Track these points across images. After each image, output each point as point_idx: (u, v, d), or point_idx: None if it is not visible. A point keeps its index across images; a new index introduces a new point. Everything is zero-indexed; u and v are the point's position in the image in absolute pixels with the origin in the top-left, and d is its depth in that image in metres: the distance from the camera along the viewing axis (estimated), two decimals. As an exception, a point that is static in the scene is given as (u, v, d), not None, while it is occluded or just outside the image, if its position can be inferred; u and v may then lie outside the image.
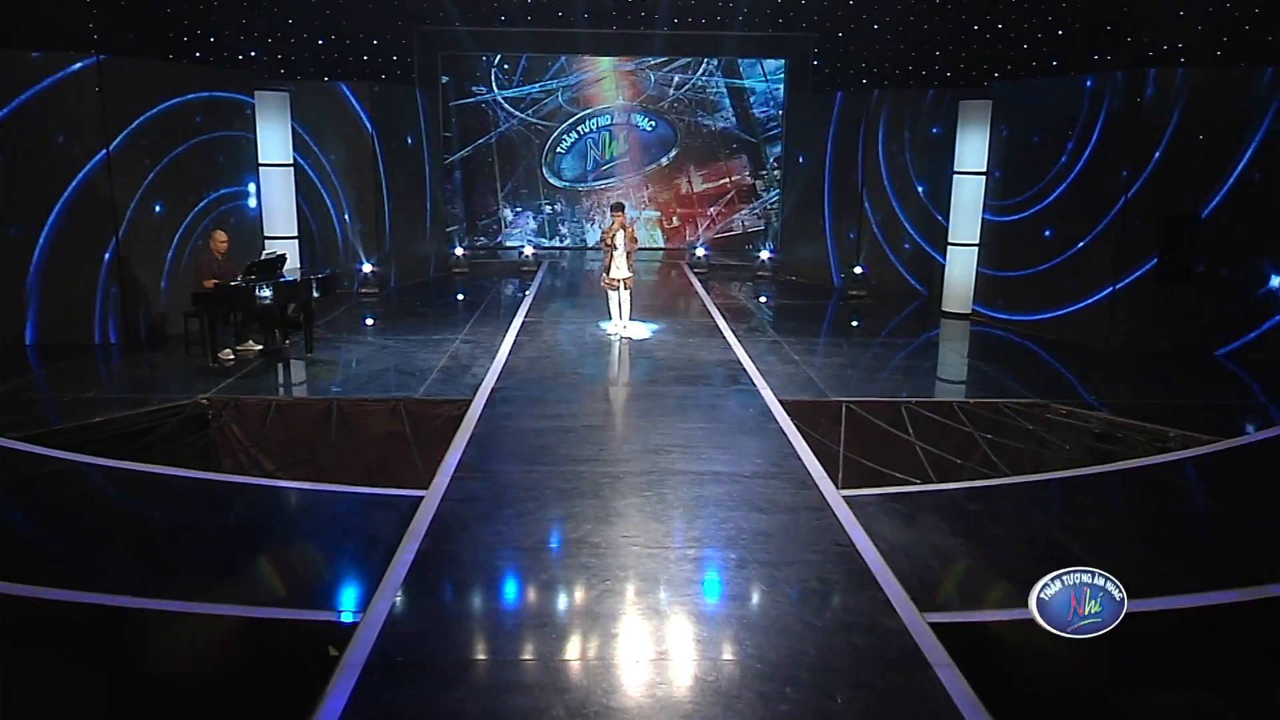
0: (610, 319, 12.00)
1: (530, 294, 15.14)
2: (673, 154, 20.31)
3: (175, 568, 5.65)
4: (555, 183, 20.45)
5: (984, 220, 13.49)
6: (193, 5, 15.67)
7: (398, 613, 4.97)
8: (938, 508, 6.79)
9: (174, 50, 15.24)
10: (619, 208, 11.84)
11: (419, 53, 18.22)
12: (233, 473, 8.67)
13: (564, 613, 5.04)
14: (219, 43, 16.13)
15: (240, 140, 12.89)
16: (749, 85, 19.98)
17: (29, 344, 11.12)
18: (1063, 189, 12.13)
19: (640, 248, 12.53)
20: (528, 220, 20.64)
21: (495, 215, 20.56)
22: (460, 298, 15.74)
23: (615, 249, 11.49)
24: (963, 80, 16.85)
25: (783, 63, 19.37)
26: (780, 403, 8.95)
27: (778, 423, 8.37)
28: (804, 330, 12.80)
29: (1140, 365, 11.14)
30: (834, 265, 16.33)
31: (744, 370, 10.19)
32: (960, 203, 13.68)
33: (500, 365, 10.23)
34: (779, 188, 19.63)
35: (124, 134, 11.12)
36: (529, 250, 18.38)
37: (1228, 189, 11.12)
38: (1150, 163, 11.23)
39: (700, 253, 18.36)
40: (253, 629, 4.98)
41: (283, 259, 10.60)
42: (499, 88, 19.89)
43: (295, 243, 13.66)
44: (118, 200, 11.14)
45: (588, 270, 18.19)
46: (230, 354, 10.54)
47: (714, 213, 20.59)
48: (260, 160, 13.28)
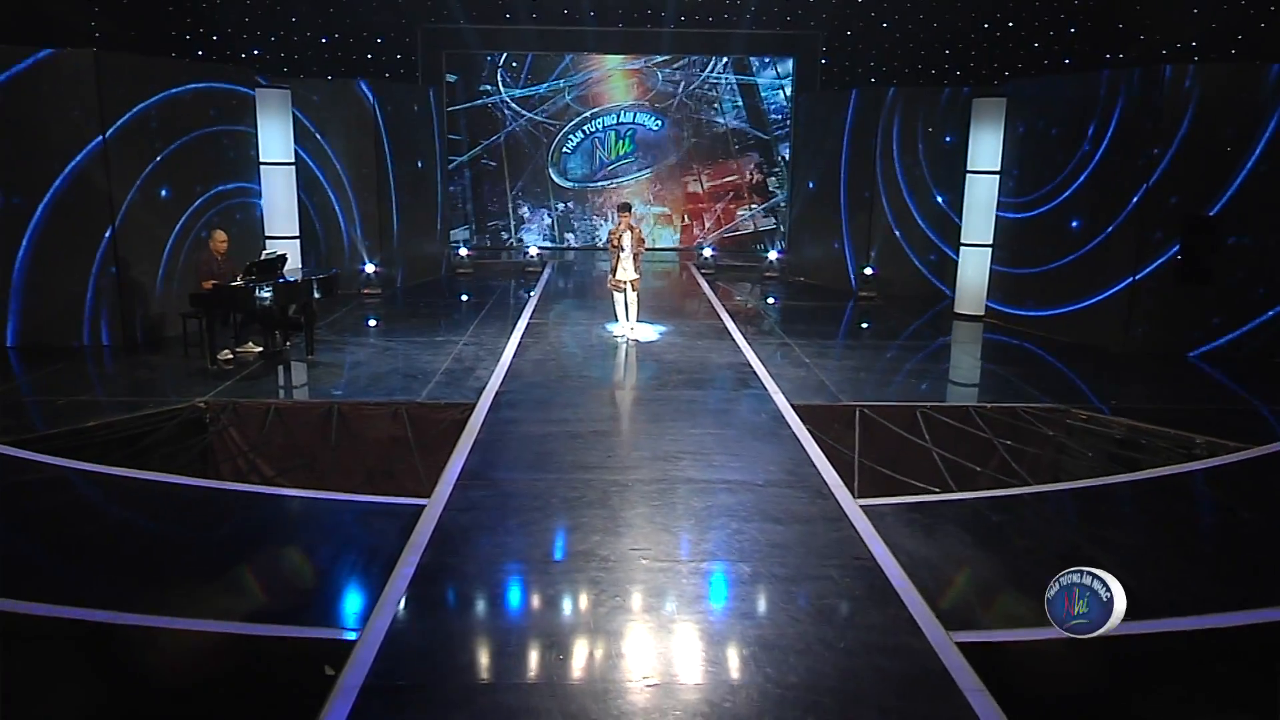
0: (617, 320, 11.76)
1: (535, 295, 14.90)
2: (680, 153, 20.06)
3: (165, 581, 5.42)
4: (562, 183, 20.21)
5: (998, 218, 13.20)
6: (195, 3, 15.49)
7: (398, 631, 4.74)
8: (959, 518, 6.56)
9: (176, 49, 15.06)
10: (626, 208, 11.61)
11: (423, 51, 18.00)
12: (230, 478, 8.48)
13: (571, 631, 4.80)
14: (221, 41, 15.96)
15: (241, 135, 12.62)
16: (761, 81, 19.68)
17: (10, 346, 10.67)
18: (1079, 185, 11.85)
19: (647, 249, 12.26)
20: (540, 219, 20.39)
21: (504, 215, 20.32)
22: (464, 299, 15.51)
23: (622, 250, 11.26)
24: (972, 79, 16.62)
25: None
26: (793, 407, 8.71)
27: (790, 428, 8.13)
28: (814, 332, 12.55)
29: (1159, 368, 10.87)
30: (850, 266, 15.95)
31: (754, 373, 9.94)
32: (973, 202, 13.41)
33: (505, 368, 10.00)
34: (788, 187, 19.34)
35: (120, 122, 10.71)
36: (534, 250, 18.15)
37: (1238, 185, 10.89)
38: (1164, 160, 10.96)
39: (707, 253, 18.12)
40: (244, 647, 4.77)
41: (283, 259, 10.37)
42: (506, 88, 19.65)
43: (297, 242, 13.42)
44: (113, 194, 10.71)
45: (593, 270, 17.95)
46: (230, 356, 10.32)
47: (721, 211, 20.33)
48: (261, 159, 13.02)
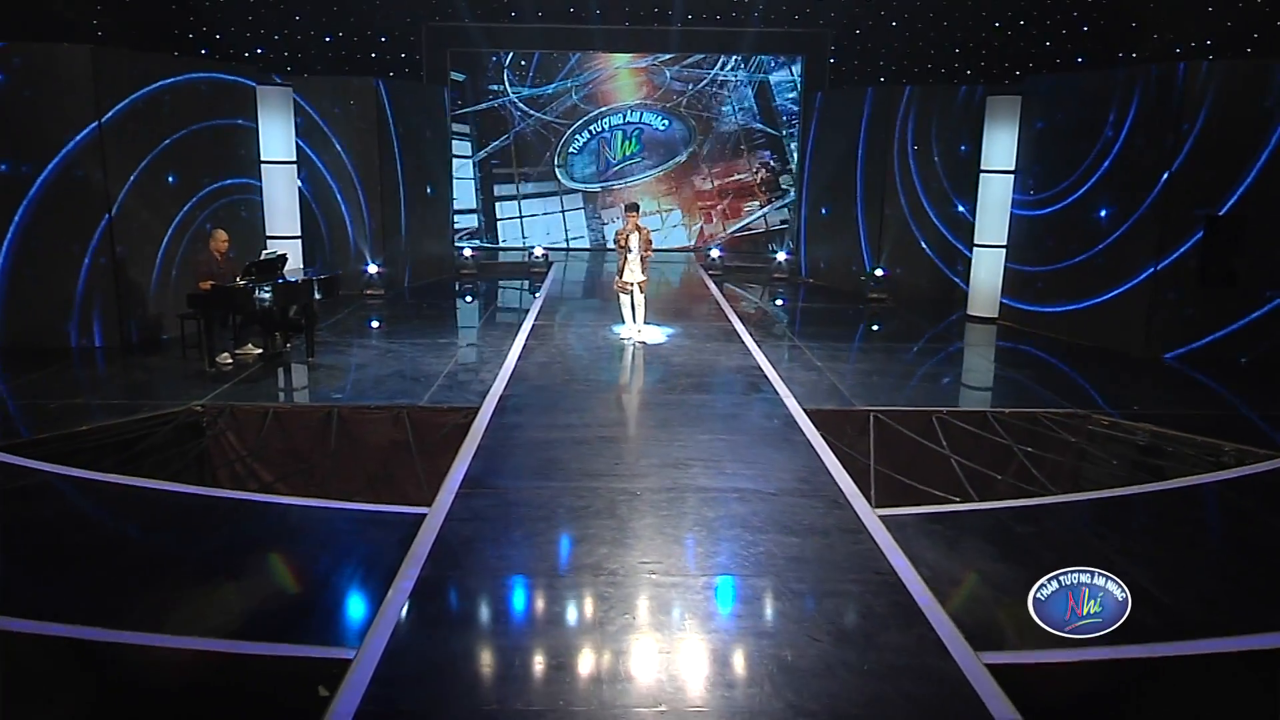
0: (624, 322, 11.52)
1: (541, 296, 14.65)
2: (688, 152, 19.80)
3: (152, 595, 5.17)
4: (569, 183, 19.96)
5: (1014, 216, 12.90)
6: (198, 1, 15.29)
7: (395, 650, 4.49)
8: (982, 529, 6.30)
9: (179, 48, 14.87)
10: (633, 208, 11.35)
11: (427, 49, 17.77)
12: (227, 484, 8.27)
13: (578, 652, 4.54)
14: (225, 40, 15.78)
15: (241, 129, 12.36)
16: (774, 79, 19.38)
17: (-4, 347, 10.34)
18: (1099, 182, 11.58)
19: (656, 249, 12.03)
20: (548, 219, 20.14)
21: (512, 216, 20.08)
22: (469, 300, 15.28)
23: (629, 251, 11.01)
24: (982, 78, 16.35)
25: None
26: (805, 412, 8.45)
27: (804, 434, 7.87)
28: (825, 335, 12.30)
29: (1179, 371, 10.59)
30: (868, 263, 15.56)
31: (765, 377, 9.68)
32: (987, 202, 13.13)
33: (509, 371, 9.75)
34: (796, 186, 19.04)
35: (116, 109, 10.40)
36: (540, 251, 17.91)
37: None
38: (1181, 156, 10.70)
39: (715, 254, 17.86)
40: (233, 666, 4.52)
41: (283, 259, 10.14)
42: (513, 86, 19.40)
43: (298, 242, 13.18)
44: (108, 188, 10.43)
45: (600, 271, 17.71)
46: (228, 358, 10.09)
47: (730, 210, 20.05)
48: (262, 157, 12.79)
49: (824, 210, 16.83)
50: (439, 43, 17.98)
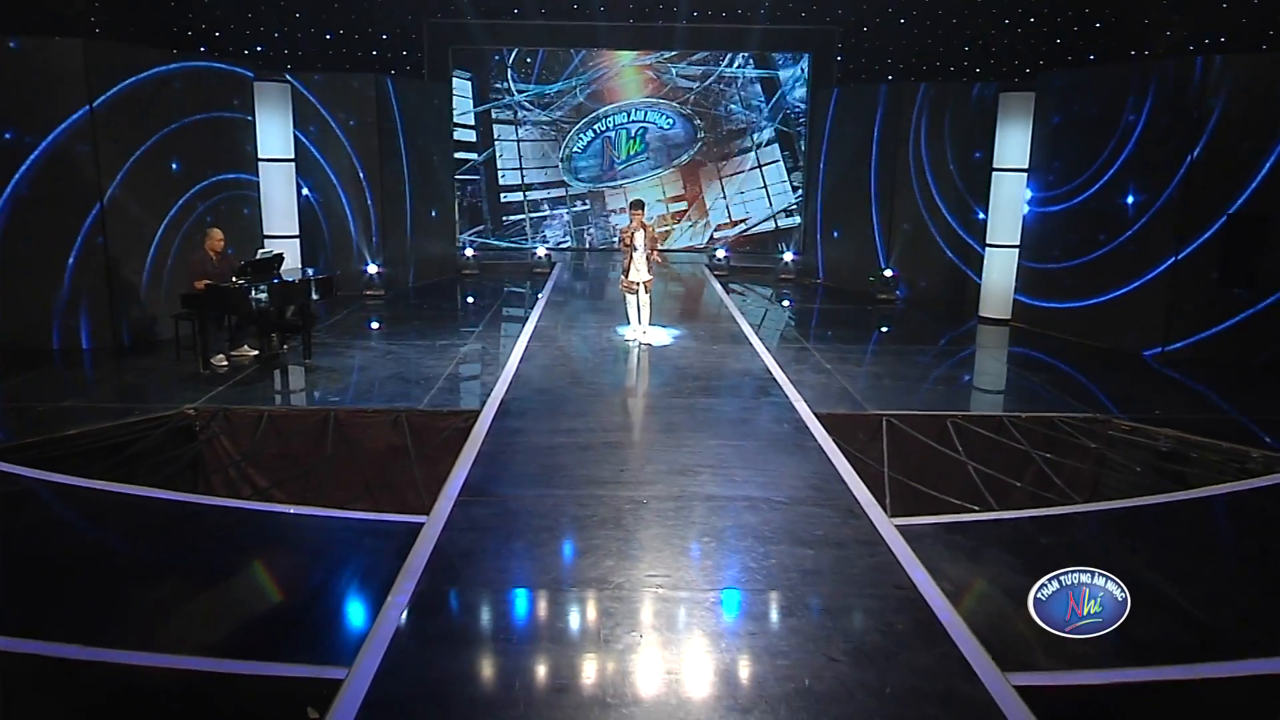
0: (629, 324, 11.26)
1: (544, 297, 14.39)
2: (693, 150, 19.53)
3: (132, 609, 4.92)
4: (573, 183, 19.70)
5: (1031, 212, 12.59)
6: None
7: (388, 670, 4.24)
8: (1004, 540, 6.03)
9: (176, 45, 14.63)
10: (638, 205, 11.07)
11: (429, 46, 17.52)
12: (220, 489, 8.05)
13: (582, 673, 4.29)
14: (224, 37, 15.54)
15: (238, 122, 12.07)
16: (784, 75, 19.10)
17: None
18: (1116, 179, 11.31)
19: (663, 249, 11.77)
20: (559, 217, 19.89)
21: (518, 216, 19.84)
22: (470, 300, 15.05)
23: (634, 250, 10.75)
24: (992, 76, 16.06)
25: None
26: (816, 416, 8.19)
27: (815, 440, 7.60)
28: (834, 336, 12.04)
29: (1203, 374, 10.31)
30: (883, 263, 15.26)
31: (774, 380, 9.42)
32: (999, 202, 12.85)
33: (511, 373, 9.49)
34: (804, 186, 18.74)
35: (106, 95, 10.10)
36: (543, 251, 17.65)
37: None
38: (1198, 149, 10.43)
39: (721, 254, 17.59)
40: (218, 686, 4.27)
41: (279, 258, 9.90)
42: (517, 87, 19.15)
43: (296, 242, 12.94)
44: (94, 181, 10.12)
45: (604, 271, 17.45)
46: (224, 360, 9.85)
47: (737, 209, 19.77)
48: (259, 155, 12.53)
49: (831, 211, 16.53)
50: (441, 40, 17.72)
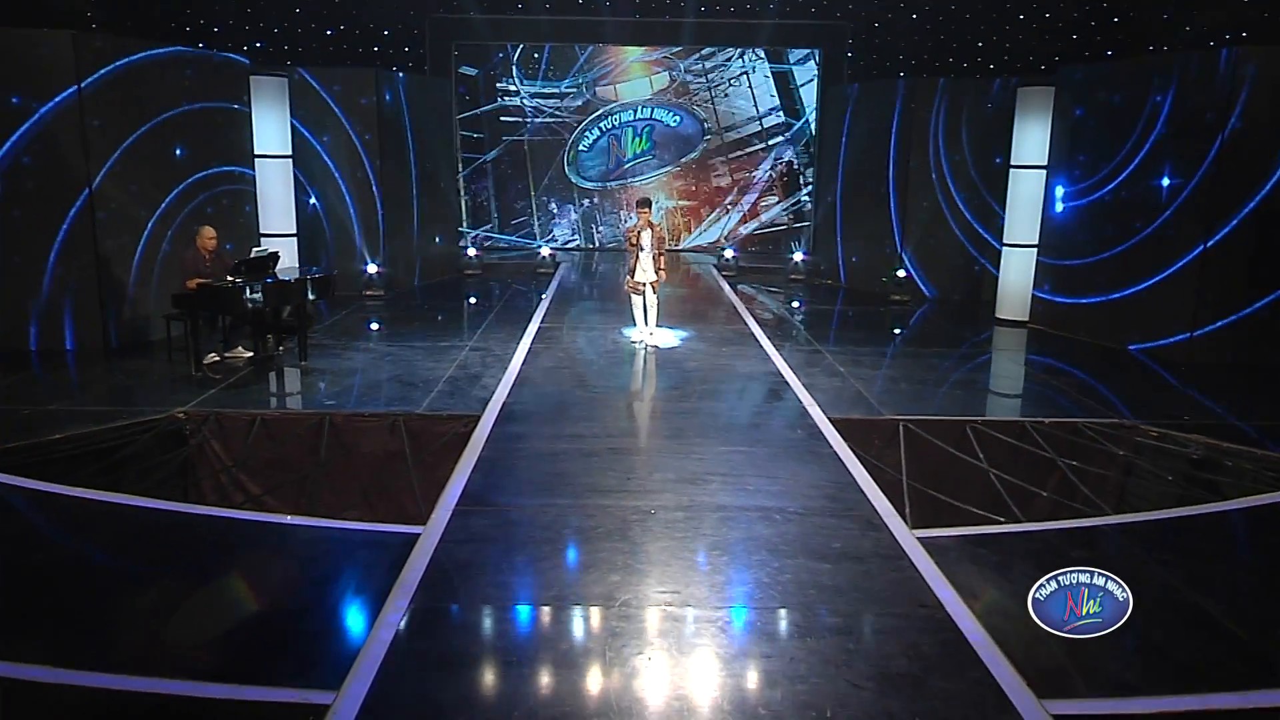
0: (634, 325, 10.94)
1: (547, 297, 14.08)
2: (701, 148, 19.19)
3: (108, 627, 4.61)
4: (579, 182, 19.39)
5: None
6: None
7: (378, 695, 3.93)
8: (1033, 553, 5.71)
9: (174, 39, 14.34)
10: (645, 203, 10.75)
11: (431, 42, 17.23)
12: (211, 496, 7.74)
13: (587, 700, 3.97)
14: (222, 33, 15.26)
15: (234, 113, 11.71)
16: (796, 69, 18.72)
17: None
18: (1138, 173, 10.96)
19: (671, 249, 11.44)
20: (567, 216, 19.58)
21: (528, 214, 19.54)
22: (472, 301, 14.75)
23: (641, 249, 10.43)
24: (1006, 72, 15.70)
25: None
26: (831, 421, 7.86)
27: (830, 446, 7.28)
28: (847, 338, 11.71)
29: (1231, 379, 9.95)
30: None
31: (785, 383, 9.10)
32: (1017, 199, 12.49)
33: (513, 376, 9.18)
34: (820, 183, 18.24)
35: (94, 78, 9.72)
36: (547, 251, 17.34)
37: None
38: (1214, 147, 10.09)
39: (729, 254, 17.27)
40: (195, 711, 3.97)
41: (275, 257, 9.59)
42: (525, 83, 18.85)
43: (293, 240, 12.63)
44: (75, 177, 9.74)
45: (609, 271, 17.13)
46: (217, 361, 9.55)
47: (748, 208, 19.42)
48: (255, 151, 12.21)
49: (848, 208, 16.12)
50: (443, 35, 17.43)
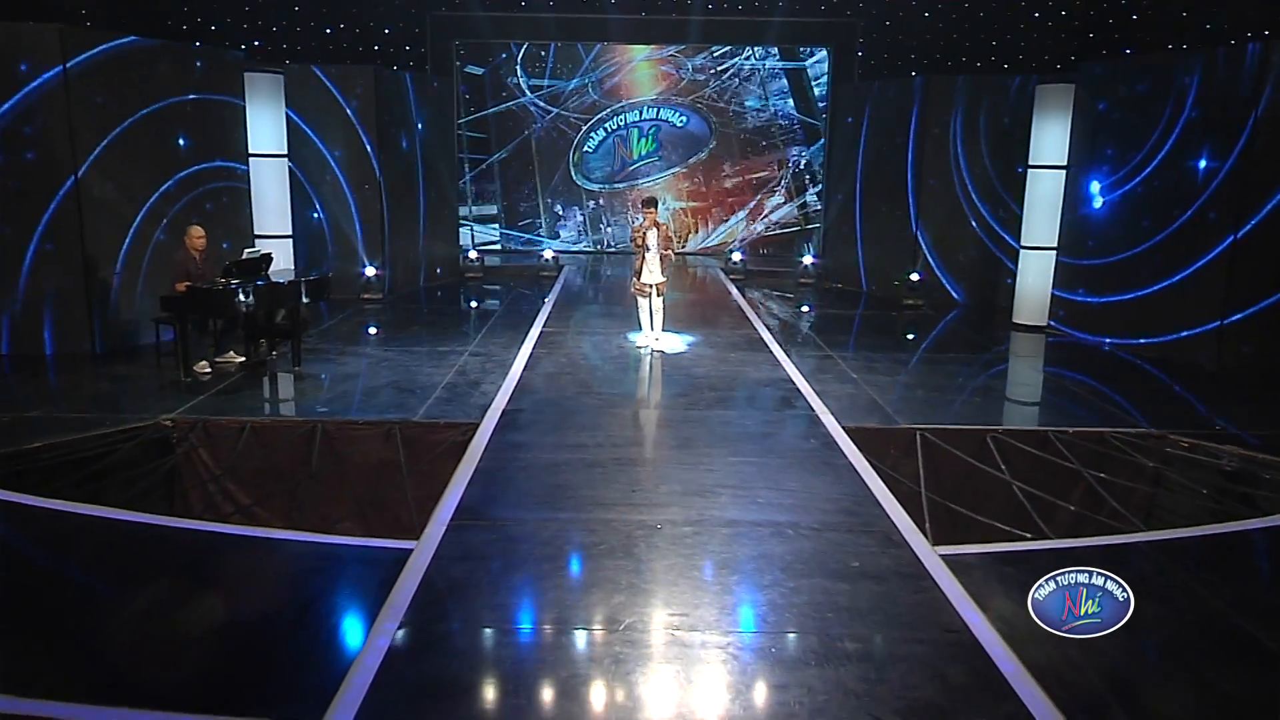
0: (640, 329, 10.60)
1: (550, 301, 13.75)
2: (709, 149, 18.85)
3: (76, 650, 4.28)
4: (584, 184, 19.07)
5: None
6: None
7: (359, 734, 3.60)
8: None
9: (170, 37, 14.08)
10: (651, 203, 10.41)
11: (431, 41, 16.91)
12: (198, 506, 7.42)
13: (588, 739, 3.64)
14: (219, 31, 14.99)
15: (227, 106, 11.34)
16: (810, 66, 18.37)
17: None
18: (1162, 170, 10.59)
19: (679, 252, 11.10)
20: (569, 220, 19.26)
21: (535, 215, 19.22)
22: (473, 304, 14.44)
23: (647, 250, 10.10)
24: (1020, 71, 15.36)
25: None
26: (845, 431, 7.52)
27: (846, 457, 6.94)
28: (859, 344, 11.37)
29: (1264, 387, 9.55)
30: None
31: (797, 390, 8.75)
32: (1035, 200, 12.13)
33: (513, 383, 8.85)
34: (832, 183, 17.81)
35: (80, 58, 9.34)
36: (549, 253, 17.02)
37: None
38: (1239, 143, 9.73)
39: (737, 257, 16.93)
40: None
41: (267, 258, 9.28)
42: (528, 85, 18.55)
43: (289, 242, 12.31)
44: (56, 171, 9.40)
45: (613, 274, 16.79)
46: (207, 367, 9.24)
47: (755, 211, 19.07)
48: (251, 149, 11.88)
49: (860, 210, 15.74)
50: (444, 34, 17.12)
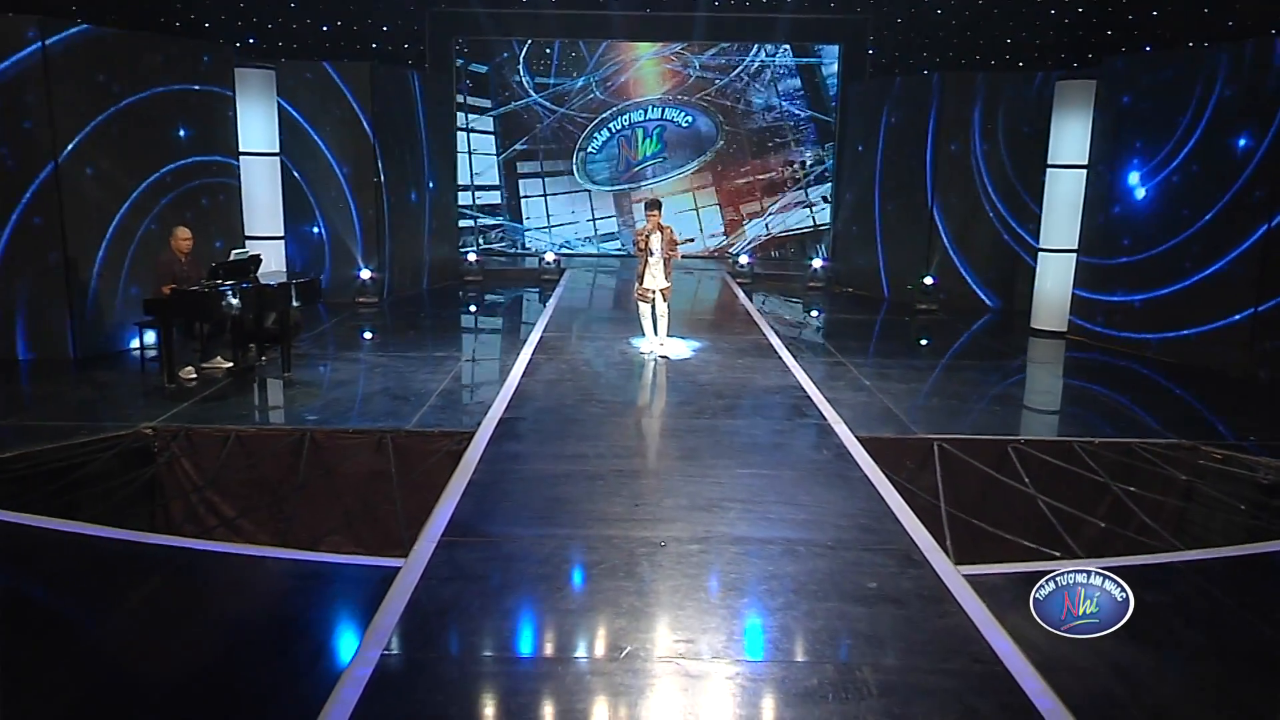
0: (644, 335, 10.24)
1: (551, 305, 13.39)
2: (715, 149, 18.49)
3: (29, 680, 3.92)
4: (588, 186, 18.73)
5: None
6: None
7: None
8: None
9: (163, 33, 13.79)
10: (654, 205, 10.05)
11: (431, 38, 16.60)
12: (180, 519, 7.11)
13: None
14: (212, 28, 14.69)
15: (216, 97, 10.93)
16: (824, 63, 18.00)
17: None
18: (1187, 165, 10.22)
19: (685, 255, 10.73)
20: (577, 219, 18.93)
21: (536, 218, 18.90)
22: (472, 308, 14.11)
23: (650, 254, 9.74)
24: (1036, 68, 15.01)
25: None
26: (859, 441, 7.16)
27: (860, 469, 6.57)
28: (872, 350, 11.01)
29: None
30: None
31: (808, 398, 8.39)
32: (1054, 201, 11.74)
33: (511, 390, 8.48)
34: (844, 185, 17.37)
35: (60, 36, 8.99)
36: (551, 256, 16.68)
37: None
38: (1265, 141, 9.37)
39: (743, 260, 16.58)
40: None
41: (256, 260, 8.94)
42: (533, 85, 18.23)
43: (280, 244, 11.97)
44: (32, 165, 9.08)
45: (616, 278, 16.45)
46: (193, 372, 8.90)
47: (765, 211, 18.70)
48: (241, 148, 11.52)
49: (866, 214, 15.36)
50: (444, 31, 16.81)
